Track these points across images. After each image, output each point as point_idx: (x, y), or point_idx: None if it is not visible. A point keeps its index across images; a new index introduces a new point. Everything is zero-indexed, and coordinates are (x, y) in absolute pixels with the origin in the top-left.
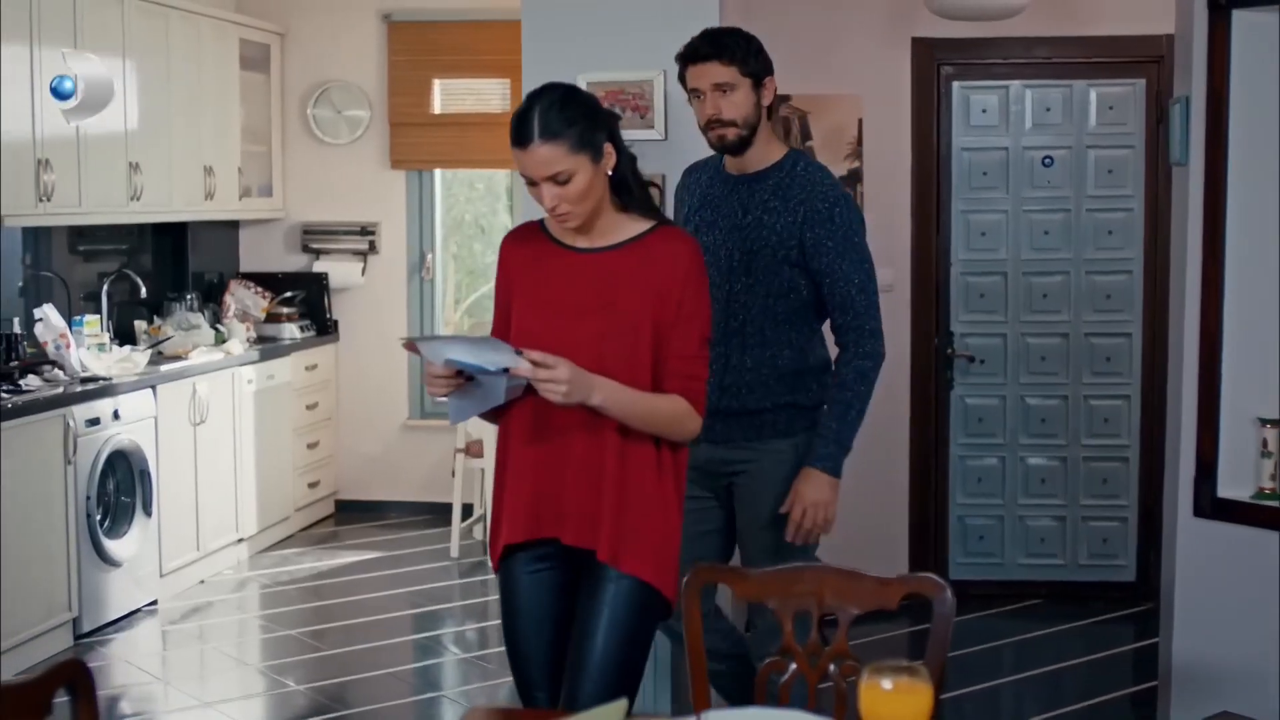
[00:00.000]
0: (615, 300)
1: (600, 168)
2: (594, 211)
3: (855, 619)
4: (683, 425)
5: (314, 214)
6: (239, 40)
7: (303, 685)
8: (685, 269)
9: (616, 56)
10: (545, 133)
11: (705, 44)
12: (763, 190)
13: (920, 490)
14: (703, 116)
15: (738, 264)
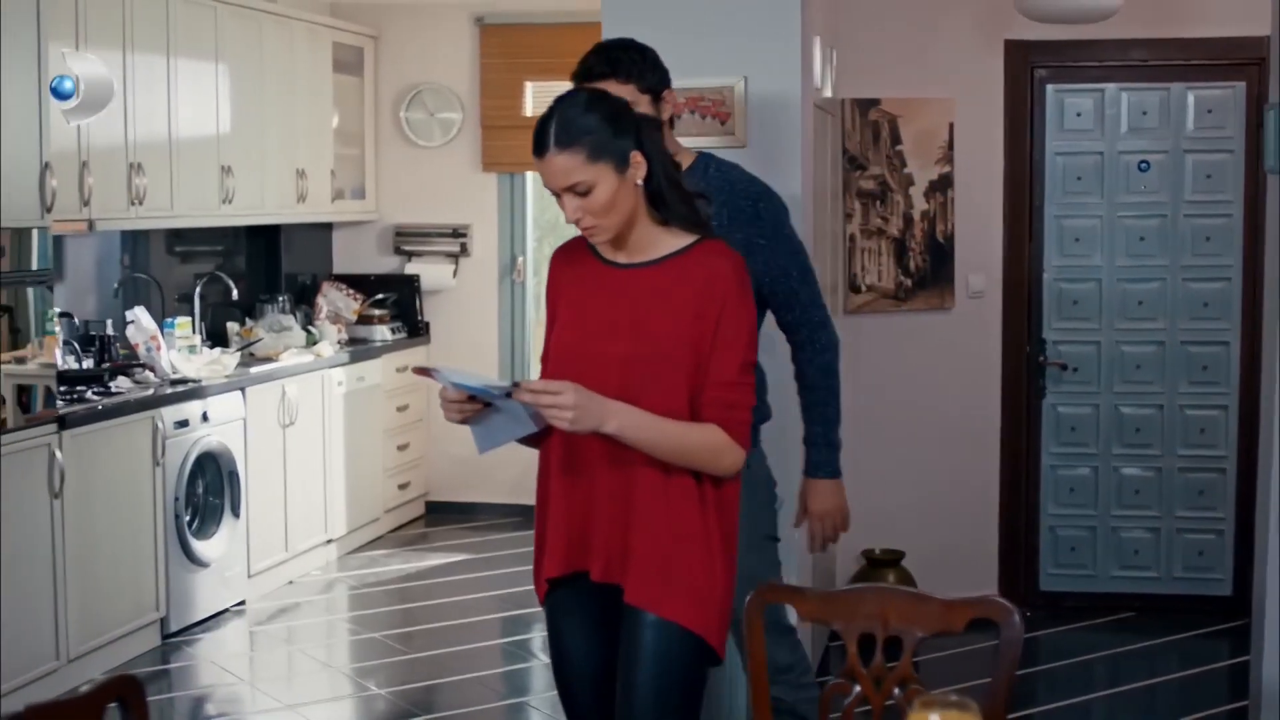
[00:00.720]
0: (647, 321)
1: (627, 178)
2: (627, 225)
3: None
4: (719, 459)
5: (406, 216)
6: (332, 44)
7: (385, 689)
8: (724, 288)
9: (696, 62)
10: (561, 140)
11: (600, 62)
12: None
13: (1011, 500)
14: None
15: None
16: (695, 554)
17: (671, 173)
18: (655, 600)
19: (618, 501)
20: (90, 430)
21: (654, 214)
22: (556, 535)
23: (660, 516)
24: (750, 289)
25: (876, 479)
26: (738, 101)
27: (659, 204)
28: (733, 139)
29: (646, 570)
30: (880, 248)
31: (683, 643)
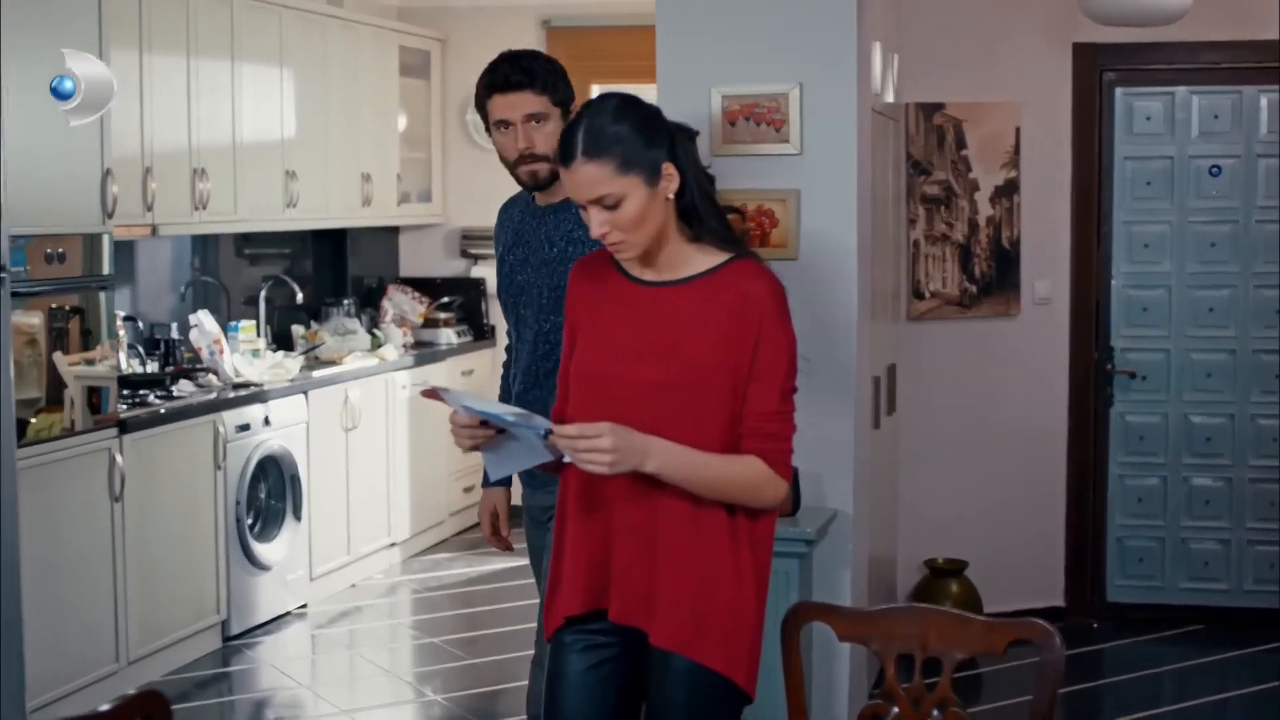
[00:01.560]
0: (679, 344)
1: (658, 191)
2: (656, 241)
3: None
4: (760, 492)
5: (472, 219)
6: (399, 47)
7: (443, 695)
8: (761, 310)
9: (751, 68)
10: (589, 150)
11: (516, 71)
12: (566, 220)
13: (1078, 510)
14: (512, 150)
15: (546, 302)
16: (726, 592)
17: (705, 186)
18: (685, 643)
19: (640, 537)
20: (151, 434)
21: (685, 229)
22: (575, 570)
23: (688, 553)
24: (788, 311)
25: (939, 488)
26: (793, 108)
27: (691, 219)
28: (787, 146)
29: (675, 610)
30: (944, 254)
31: (715, 687)
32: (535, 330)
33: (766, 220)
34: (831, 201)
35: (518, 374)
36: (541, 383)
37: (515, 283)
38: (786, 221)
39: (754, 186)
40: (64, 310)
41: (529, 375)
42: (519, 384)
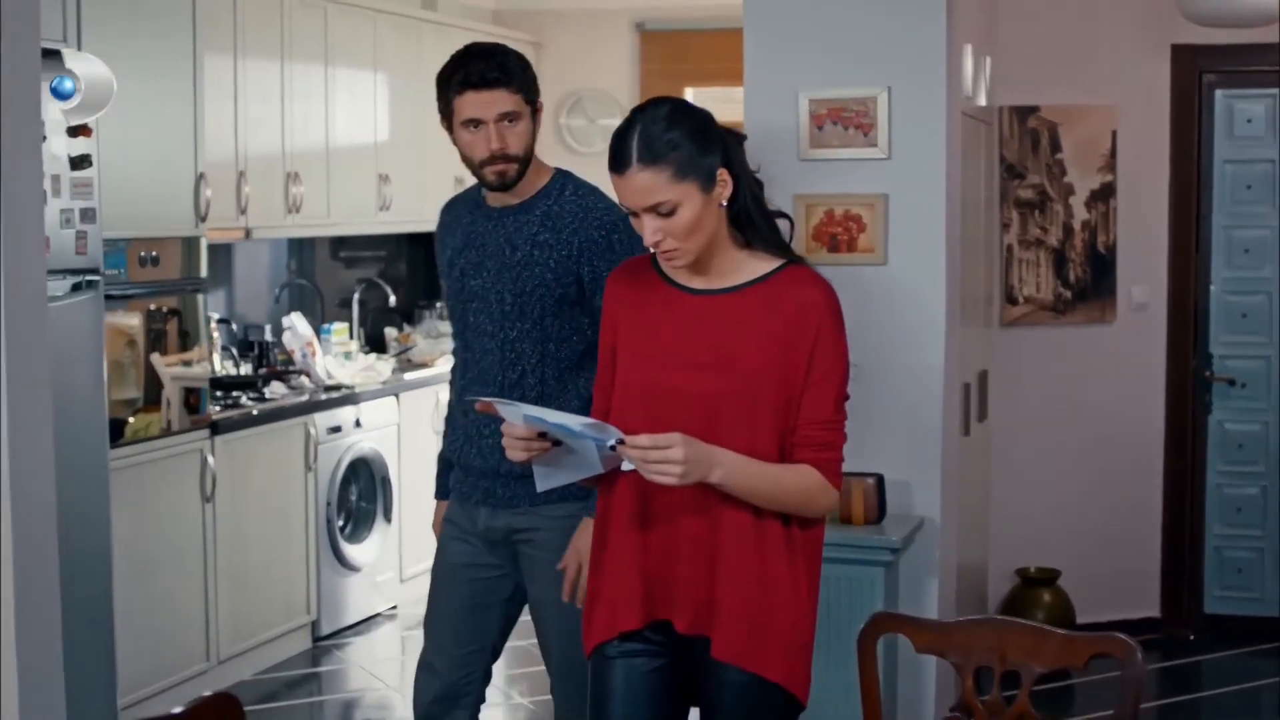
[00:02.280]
0: (734, 354)
1: (712, 198)
2: (708, 248)
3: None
4: (814, 501)
5: None
6: None
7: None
8: (818, 318)
9: (839, 72)
10: (645, 156)
11: (492, 68)
12: (530, 222)
13: (1174, 520)
14: (482, 150)
15: (510, 308)
16: (784, 602)
17: (755, 191)
18: (744, 654)
19: (702, 549)
20: (243, 435)
21: (736, 236)
22: (630, 585)
23: (749, 564)
24: (843, 319)
25: (1031, 495)
26: (881, 112)
27: (743, 225)
28: (875, 150)
29: (735, 623)
30: (1039, 258)
31: (774, 698)
32: (499, 339)
33: (854, 225)
34: (920, 206)
35: (468, 383)
36: (508, 394)
37: (468, 288)
38: (874, 226)
39: (841, 191)
40: (162, 312)
41: (492, 386)
42: (471, 394)
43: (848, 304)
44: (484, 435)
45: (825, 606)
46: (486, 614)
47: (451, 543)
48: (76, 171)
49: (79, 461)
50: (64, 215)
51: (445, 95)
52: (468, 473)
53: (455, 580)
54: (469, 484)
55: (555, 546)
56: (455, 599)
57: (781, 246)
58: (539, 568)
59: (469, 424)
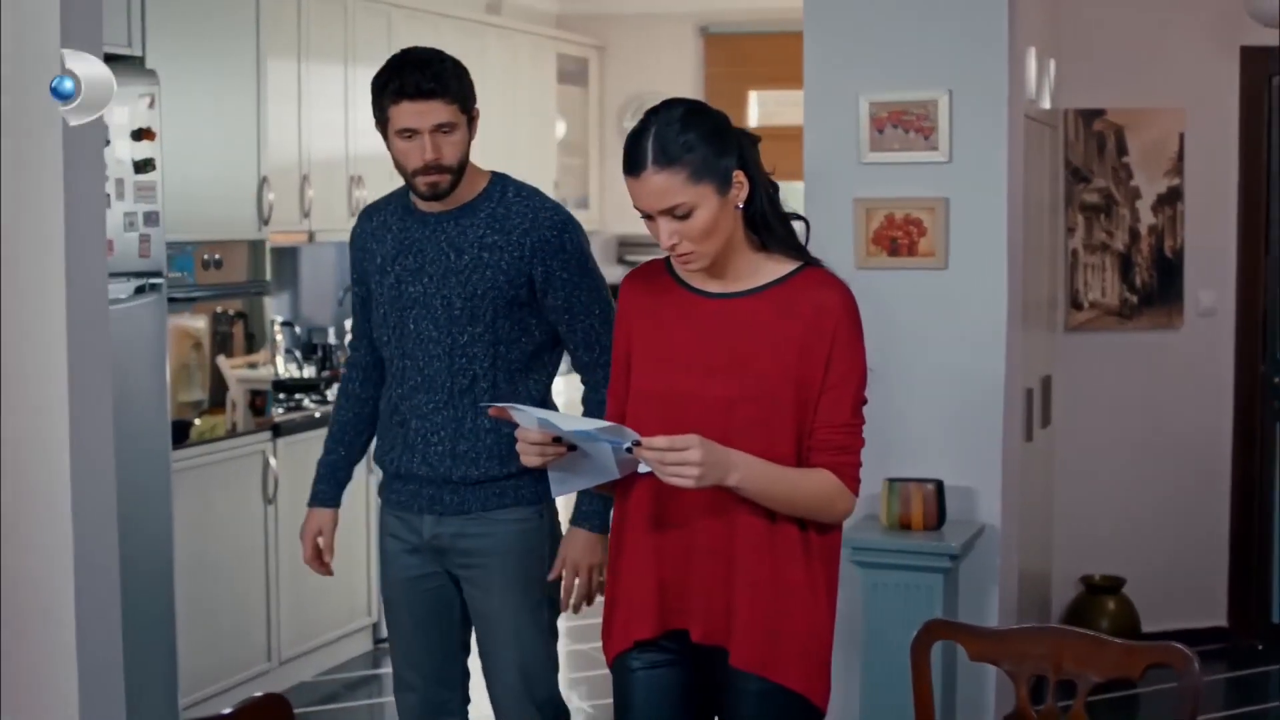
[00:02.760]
0: (750, 357)
1: (728, 200)
2: (724, 251)
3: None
4: (832, 506)
5: (630, 226)
6: (556, 55)
7: (588, 701)
8: (835, 321)
9: (899, 75)
10: (660, 158)
11: (427, 79)
12: (474, 225)
13: (1242, 528)
14: (416, 160)
15: (460, 313)
16: (801, 608)
17: (771, 193)
18: (762, 663)
19: (718, 555)
20: (305, 438)
21: (752, 238)
22: (645, 593)
23: (765, 570)
24: (860, 322)
25: (1096, 502)
26: (942, 116)
27: (759, 227)
28: (936, 153)
29: (752, 630)
30: (1104, 263)
31: (792, 706)
32: (446, 345)
33: (914, 229)
34: (981, 210)
35: (408, 391)
36: (457, 401)
37: (405, 294)
38: (935, 230)
39: (901, 195)
40: (227, 315)
41: (440, 393)
42: (413, 403)
43: (908, 308)
44: (430, 443)
45: (883, 613)
46: (450, 619)
47: (401, 556)
48: (140, 175)
49: (142, 463)
50: (127, 219)
51: (380, 102)
52: (408, 481)
53: (412, 593)
54: (409, 493)
55: (509, 552)
56: (417, 611)
57: (797, 249)
58: (494, 575)
59: (409, 433)
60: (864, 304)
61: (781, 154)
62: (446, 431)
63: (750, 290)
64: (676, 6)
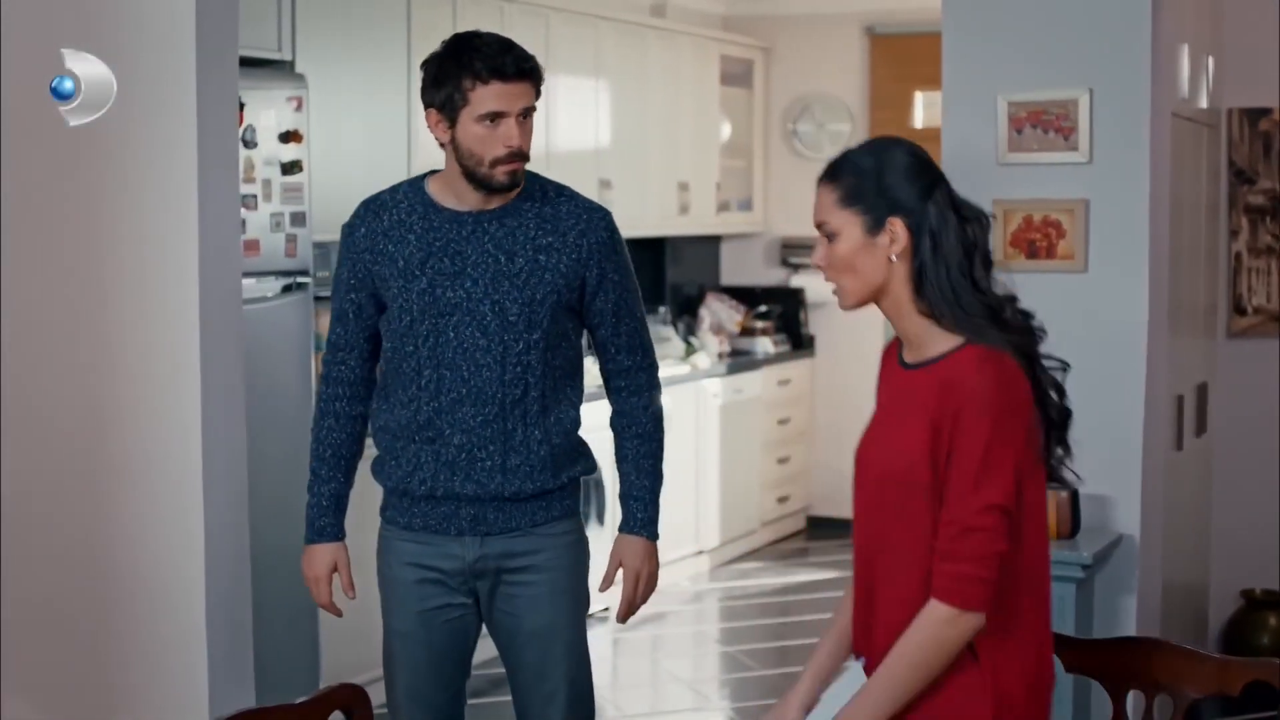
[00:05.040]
0: (897, 435)
1: (876, 244)
2: (892, 310)
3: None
4: (942, 651)
5: (794, 229)
6: (720, 57)
7: (726, 703)
8: (958, 406)
9: (1039, 74)
10: (829, 172)
11: (525, 58)
12: (524, 226)
13: None
14: (497, 148)
15: (515, 319)
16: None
17: (959, 263)
18: None
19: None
20: None
21: (918, 302)
22: None
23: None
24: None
25: (1258, 513)
26: (1082, 115)
27: (927, 292)
28: (1076, 154)
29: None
30: (1270, 267)
31: None
32: (497, 354)
33: (1053, 231)
34: (1123, 212)
35: (450, 404)
36: (508, 413)
37: (443, 301)
38: (1074, 232)
39: (1040, 196)
40: None
41: (491, 405)
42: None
43: (1046, 312)
44: (477, 459)
45: None
46: (465, 651)
47: (420, 586)
48: (287, 177)
49: (287, 459)
50: (274, 219)
51: (456, 82)
52: (441, 503)
53: (432, 625)
54: (442, 515)
55: (562, 566)
56: (436, 645)
57: (969, 325)
58: (544, 591)
59: (448, 449)
60: None
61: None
62: (496, 446)
63: (917, 363)
64: (843, 7)
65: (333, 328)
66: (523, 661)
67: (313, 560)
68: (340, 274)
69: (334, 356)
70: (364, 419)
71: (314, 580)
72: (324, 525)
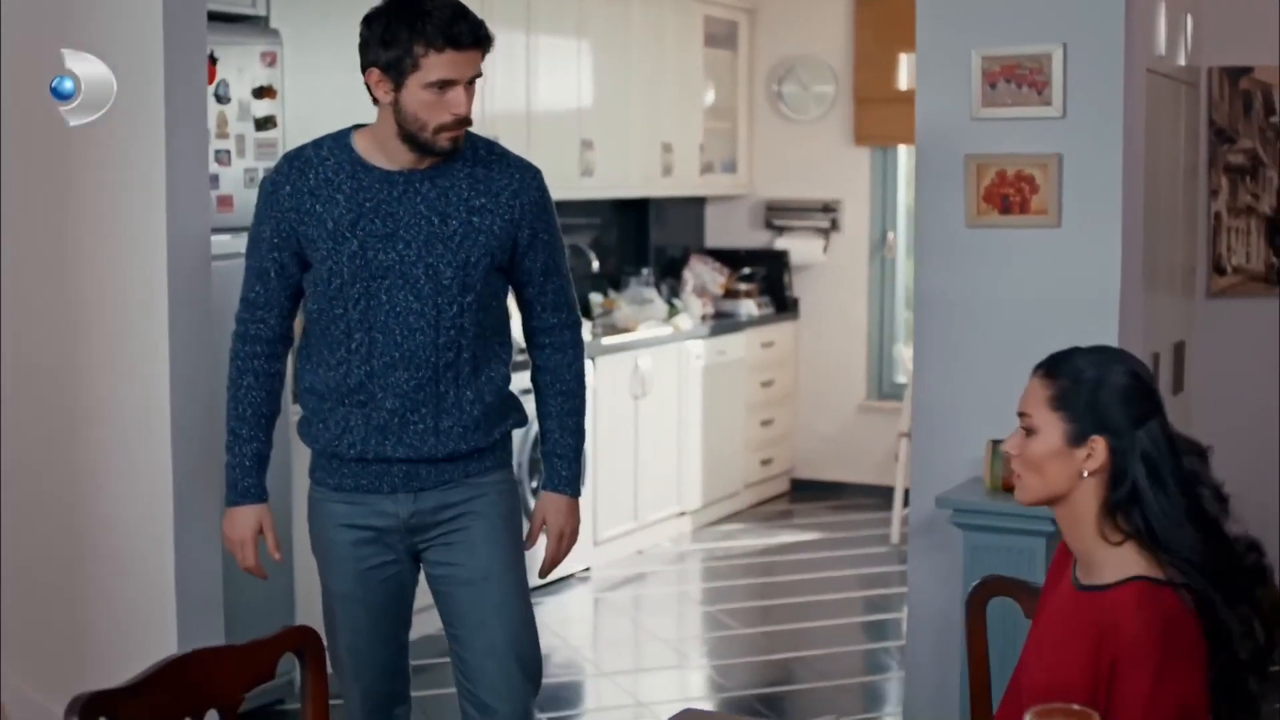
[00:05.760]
0: (1062, 660)
1: (1073, 456)
2: (1068, 524)
3: None
4: None
5: (778, 191)
6: (704, 18)
7: (705, 660)
8: (1117, 649)
9: (1012, 29)
10: (1048, 367)
11: (480, 27)
12: (459, 186)
13: None
14: (442, 115)
15: (450, 282)
16: None
17: (1161, 502)
18: None
19: None
20: None
21: (1105, 523)
22: None
23: None
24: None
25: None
26: (1055, 69)
27: (1130, 517)
28: (1049, 109)
29: None
30: (1249, 226)
31: None
32: (430, 318)
33: (1026, 186)
34: (1096, 167)
35: (384, 368)
36: (441, 375)
37: (374, 263)
38: (1047, 188)
39: (1014, 151)
40: None
41: (425, 369)
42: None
43: (1019, 267)
44: (409, 423)
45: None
46: (405, 606)
47: (357, 547)
48: (261, 132)
49: None
50: (248, 175)
51: (408, 46)
52: (376, 464)
53: (369, 584)
54: (374, 474)
55: (496, 513)
56: (374, 603)
57: (1187, 574)
58: (480, 539)
59: (379, 413)
60: (974, 263)
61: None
62: (429, 409)
63: (1090, 586)
64: None
65: (250, 284)
66: (458, 613)
67: (235, 522)
68: (261, 231)
69: (251, 314)
70: (281, 377)
71: (239, 543)
72: (248, 486)
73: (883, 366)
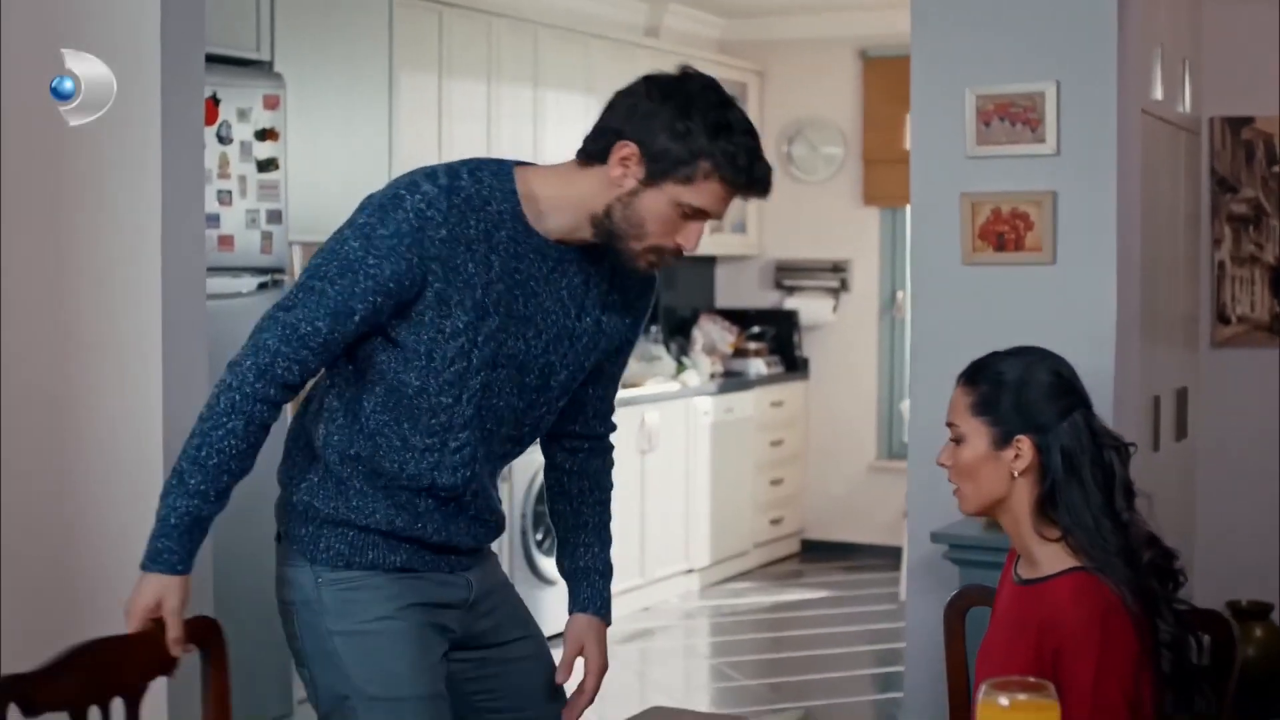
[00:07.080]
0: (1010, 655)
1: (1000, 459)
2: (1008, 523)
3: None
4: None
5: (788, 251)
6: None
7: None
8: (1059, 640)
9: (1006, 67)
10: (969, 375)
11: (768, 175)
12: (598, 275)
13: None
14: (668, 239)
15: (557, 386)
16: None
17: (1100, 489)
18: None
19: None
20: None
21: (1038, 520)
22: None
23: None
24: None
25: (1243, 523)
26: (1049, 108)
27: (1052, 511)
28: (1043, 146)
29: None
30: (1253, 276)
31: None
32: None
33: (1021, 223)
34: (1091, 205)
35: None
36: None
37: (504, 348)
38: (1042, 225)
39: (1009, 188)
40: None
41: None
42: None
43: (1015, 305)
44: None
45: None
46: None
47: (431, 634)
48: (263, 174)
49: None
50: (250, 215)
51: (694, 155)
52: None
53: (437, 675)
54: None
55: (507, 583)
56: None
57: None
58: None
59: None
60: (970, 300)
61: None
62: (494, 503)
63: (1030, 580)
64: (836, 30)
65: (311, 315)
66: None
67: (138, 587)
68: (374, 266)
69: (293, 351)
70: (267, 433)
71: (127, 612)
72: (161, 550)
73: (892, 426)
